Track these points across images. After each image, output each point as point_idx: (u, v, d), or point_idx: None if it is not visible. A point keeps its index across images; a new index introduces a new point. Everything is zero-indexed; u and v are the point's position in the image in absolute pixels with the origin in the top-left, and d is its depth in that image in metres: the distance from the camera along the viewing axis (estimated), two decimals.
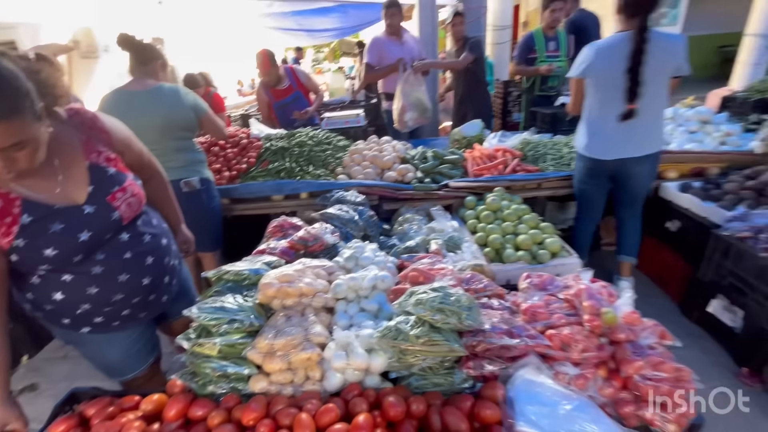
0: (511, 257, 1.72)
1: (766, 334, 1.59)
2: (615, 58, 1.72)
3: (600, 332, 1.14)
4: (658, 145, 1.90)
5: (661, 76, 1.75)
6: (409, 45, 3.21)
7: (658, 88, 1.75)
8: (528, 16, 10.46)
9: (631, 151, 1.87)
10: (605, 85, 1.79)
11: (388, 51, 3.14)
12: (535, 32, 3.38)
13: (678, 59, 1.75)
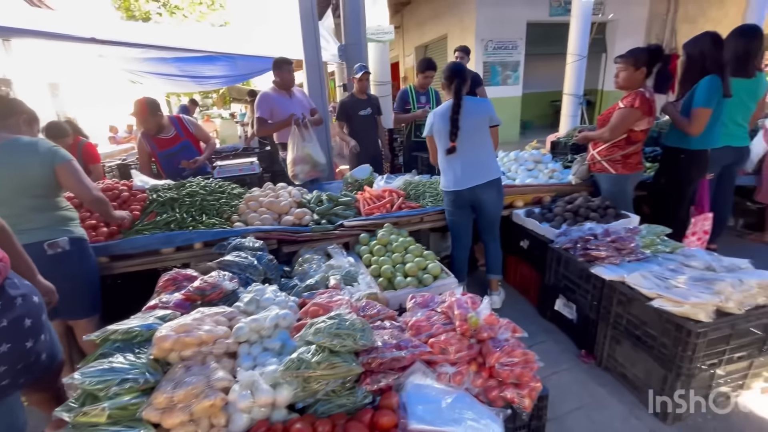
0: (402, 284, 1.96)
1: (591, 321, 2.08)
2: (445, 116, 2.30)
3: (469, 334, 1.40)
4: (494, 174, 2.42)
5: (478, 125, 2.32)
6: (298, 99, 3.42)
7: (477, 134, 2.34)
8: (406, 72, 11.86)
9: (476, 179, 2.36)
10: (441, 135, 2.36)
11: (279, 105, 3.28)
12: (409, 88, 3.96)
13: (488, 113, 2.34)
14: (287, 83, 3.34)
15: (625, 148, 2.60)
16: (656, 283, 1.77)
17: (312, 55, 4.11)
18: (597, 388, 1.93)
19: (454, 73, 2.31)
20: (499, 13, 7.91)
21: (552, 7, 8.23)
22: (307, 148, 3.13)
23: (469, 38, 8.08)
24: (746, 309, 1.62)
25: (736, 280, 1.67)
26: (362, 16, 4.43)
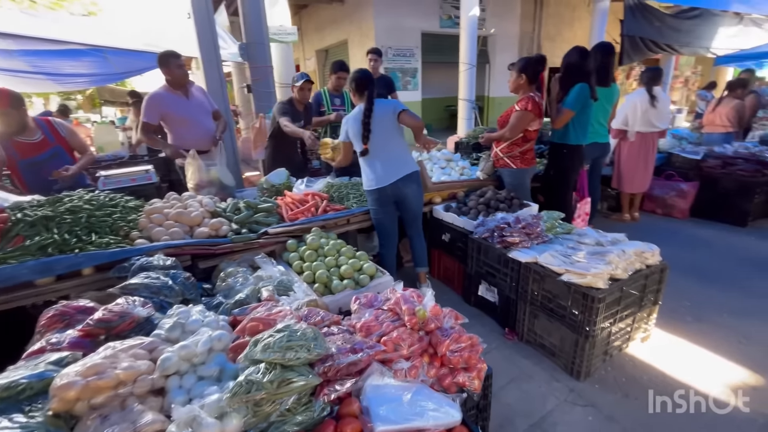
0: (339, 287, 1.90)
1: (512, 301, 2.30)
2: (358, 120, 2.39)
3: (418, 327, 1.41)
4: (412, 167, 2.52)
5: (387, 123, 2.41)
6: (198, 100, 3.08)
7: (389, 132, 2.43)
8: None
9: (396, 174, 2.45)
10: (356, 139, 2.45)
11: (173, 108, 2.91)
12: (323, 91, 3.89)
13: (393, 108, 2.41)
14: (180, 80, 2.93)
15: (522, 146, 2.95)
16: (562, 261, 2.03)
17: (209, 52, 3.77)
18: (522, 361, 2.14)
19: (364, 80, 2.41)
20: (395, 23, 8.29)
21: (442, 20, 8.93)
22: (213, 170, 2.80)
23: (370, 44, 8.30)
24: (629, 274, 1.96)
25: (620, 251, 2.01)
26: (263, 15, 4.22)
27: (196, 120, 3.03)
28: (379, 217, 2.57)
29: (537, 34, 10.28)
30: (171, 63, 2.89)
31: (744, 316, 2.46)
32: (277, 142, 3.52)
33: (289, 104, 3.42)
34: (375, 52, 4.24)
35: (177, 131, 3.02)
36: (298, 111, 3.44)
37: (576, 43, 3.15)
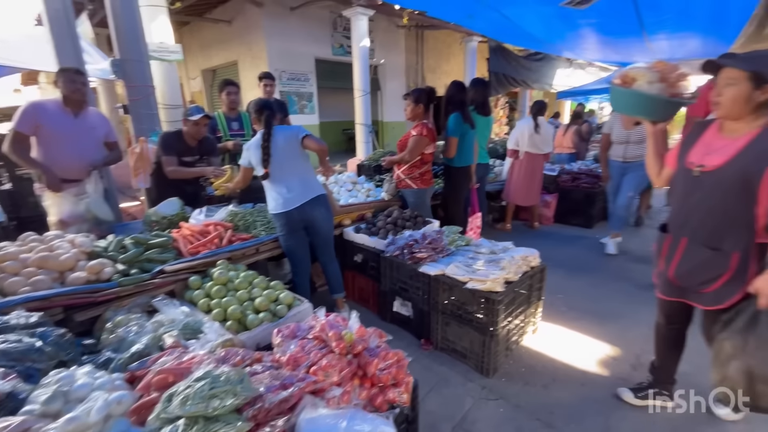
0: (255, 321, 1.79)
1: (425, 313, 2.45)
2: (258, 145, 2.38)
3: (346, 351, 1.42)
4: (318, 190, 2.53)
5: (290, 147, 2.43)
6: (89, 124, 2.64)
7: (292, 156, 2.44)
8: (193, 96, 10.82)
9: (303, 197, 2.43)
10: (259, 162, 2.40)
11: (51, 119, 2.46)
12: (217, 114, 3.63)
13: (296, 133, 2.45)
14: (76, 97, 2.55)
15: (421, 168, 3.23)
16: (465, 270, 2.25)
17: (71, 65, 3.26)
18: (439, 368, 2.28)
19: (263, 107, 2.44)
20: (288, 47, 8.30)
21: (334, 48, 9.24)
22: (85, 203, 2.42)
23: (262, 67, 8.13)
24: (519, 276, 2.27)
25: (510, 257, 2.32)
26: (140, 30, 3.83)
27: (75, 142, 2.56)
28: (289, 243, 2.51)
29: (420, 66, 11.34)
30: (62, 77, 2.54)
31: (602, 301, 3.04)
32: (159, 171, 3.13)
33: (176, 138, 3.03)
34: (268, 77, 4.14)
35: (46, 149, 2.51)
36: (189, 146, 3.06)
37: (454, 76, 3.64)
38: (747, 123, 1.43)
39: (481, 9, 4.91)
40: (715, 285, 1.52)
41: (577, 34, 6.00)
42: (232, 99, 3.62)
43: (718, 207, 1.48)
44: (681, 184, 1.60)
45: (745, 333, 1.39)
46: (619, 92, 1.69)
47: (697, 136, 1.59)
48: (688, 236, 1.57)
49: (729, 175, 1.43)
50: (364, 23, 7.28)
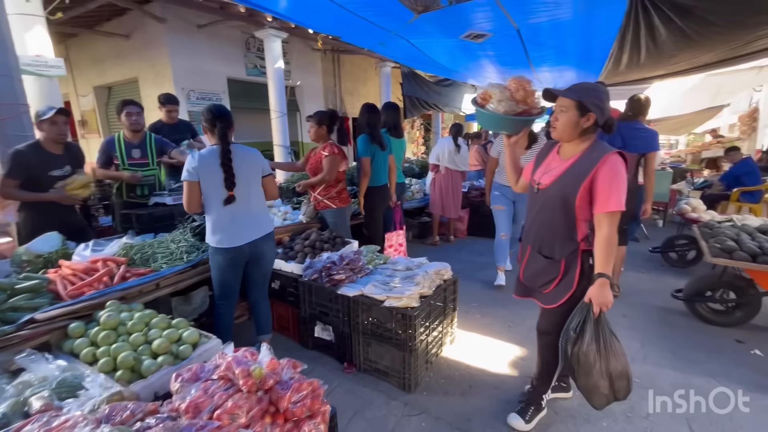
0: (152, 367, 1.60)
1: (346, 335, 2.42)
2: (212, 160, 2.10)
3: (255, 388, 1.33)
4: (270, 226, 2.39)
5: (252, 175, 2.24)
6: None
7: (252, 185, 2.25)
8: (84, 115, 9.64)
9: (256, 233, 2.26)
10: (213, 184, 2.12)
11: None
12: (116, 138, 3.20)
13: (261, 163, 2.30)
14: None
15: (336, 186, 3.26)
16: (383, 289, 2.29)
17: None
18: (363, 390, 2.25)
19: (217, 116, 2.14)
20: (197, 66, 7.86)
21: (248, 68, 8.99)
22: None
23: (167, 85, 7.56)
24: (433, 290, 2.37)
25: (424, 272, 2.42)
26: (8, 41, 3.33)
27: None
28: (227, 278, 2.27)
29: (338, 89, 11.54)
30: None
31: (511, 306, 3.31)
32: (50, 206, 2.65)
33: (33, 152, 2.56)
34: (170, 101, 3.83)
35: None
36: (53, 155, 2.64)
37: (371, 99, 3.79)
38: (574, 146, 1.66)
39: (391, 37, 5.21)
40: (550, 287, 1.75)
41: (478, 63, 6.66)
42: (134, 121, 3.17)
43: (548, 221, 1.71)
44: (529, 199, 1.85)
45: (596, 342, 1.56)
46: (478, 111, 1.89)
47: (545, 156, 1.81)
48: (531, 245, 1.82)
49: (553, 193, 1.67)
50: (278, 45, 7.23)
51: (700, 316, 3.02)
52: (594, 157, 1.58)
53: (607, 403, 1.65)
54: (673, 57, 4.94)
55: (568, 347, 1.62)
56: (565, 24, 4.45)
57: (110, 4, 6.14)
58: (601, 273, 1.55)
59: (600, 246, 1.56)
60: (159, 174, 3.39)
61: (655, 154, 3.20)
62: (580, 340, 1.58)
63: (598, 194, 1.56)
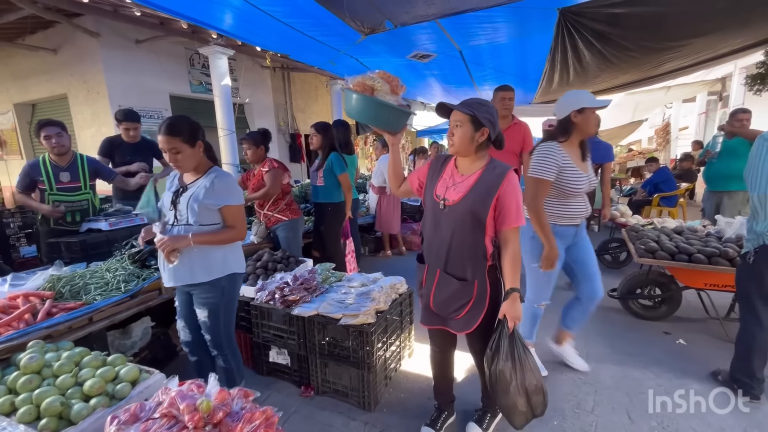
0: (83, 411, 1.45)
1: (303, 358, 2.35)
2: None
3: (203, 423, 1.26)
4: None
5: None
6: None
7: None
8: (3, 135, 8.74)
9: None
10: None
11: None
12: (41, 160, 2.91)
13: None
14: None
15: (285, 198, 3.28)
16: (338, 307, 2.27)
17: None
18: (321, 413, 2.19)
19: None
20: (135, 82, 7.45)
21: (192, 85, 8.67)
22: None
23: (101, 102, 7.08)
24: (389, 305, 2.38)
25: (380, 287, 2.43)
26: None
27: None
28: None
29: (289, 106, 11.45)
30: None
31: None
32: None
33: None
34: (130, 118, 3.56)
35: None
36: None
37: (323, 116, 3.82)
38: (473, 162, 1.64)
39: (340, 56, 5.30)
40: (463, 312, 1.66)
41: (425, 82, 6.94)
42: (55, 143, 2.87)
43: (458, 239, 1.62)
44: (431, 216, 1.71)
45: (511, 358, 1.56)
46: (361, 100, 1.68)
47: (441, 170, 1.73)
48: (441, 267, 1.68)
49: (463, 209, 1.59)
50: (224, 62, 7.07)
51: (633, 312, 3.29)
52: (498, 173, 1.58)
53: (527, 421, 1.64)
54: (597, 77, 5.47)
55: (485, 367, 1.63)
56: (502, 47, 4.78)
57: (34, 16, 5.68)
58: (514, 288, 1.57)
59: (510, 261, 1.58)
60: (92, 198, 3.13)
61: (610, 164, 3.78)
62: (496, 357, 1.58)
63: (506, 210, 1.56)
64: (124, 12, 5.47)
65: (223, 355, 2.06)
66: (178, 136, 1.77)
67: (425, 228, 1.77)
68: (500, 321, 1.60)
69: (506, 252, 1.59)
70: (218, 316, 1.98)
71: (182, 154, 1.79)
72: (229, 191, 1.89)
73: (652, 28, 3.65)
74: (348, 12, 3.43)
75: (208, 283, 1.91)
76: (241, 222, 1.95)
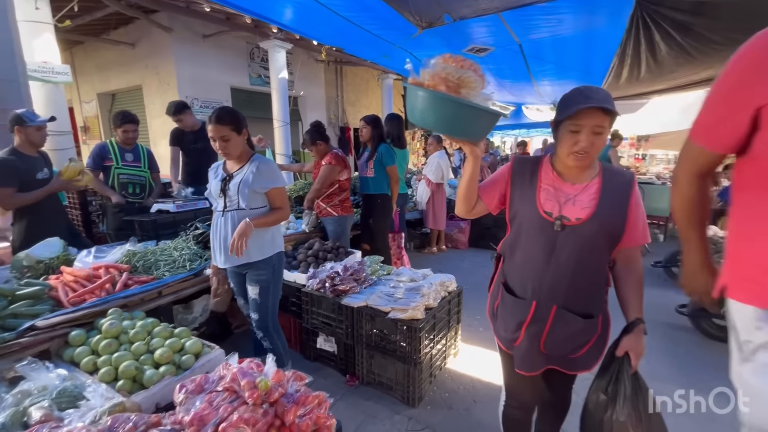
0: (154, 377, 1.57)
1: (349, 347, 2.39)
2: None
3: (261, 401, 1.31)
4: None
5: None
6: None
7: None
8: (87, 121, 9.68)
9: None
10: None
11: None
12: (109, 142, 3.27)
13: None
14: None
15: (340, 195, 3.29)
16: (387, 300, 2.27)
17: None
18: (365, 403, 2.21)
19: None
20: (201, 74, 7.94)
21: (252, 78, 9.07)
22: None
23: (171, 93, 7.62)
24: (438, 302, 2.35)
25: (429, 283, 2.40)
26: (17, 47, 3.36)
27: None
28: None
29: (340, 99, 11.65)
30: None
31: None
32: (32, 207, 2.60)
33: (16, 157, 2.54)
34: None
35: None
36: (33, 158, 2.64)
37: (372, 110, 3.83)
38: (587, 168, 1.29)
39: (395, 50, 5.28)
40: (584, 349, 1.34)
41: None
42: (131, 137, 3.29)
43: (584, 267, 1.26)
44: (537, 239, 1.29)
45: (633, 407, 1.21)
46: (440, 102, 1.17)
47: (534, 178, 1.34)
48: (559, 303, 1.28)
49: (594, 229, 1.23)
50: (282, 56, 7.32)
51: (705, 331, 3.00)
52: (622, 182, 1.27)
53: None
54: (672, 72, 5.01)
55: (595, 413, 1.27)
56: (566, 39, 4.52)
57: (117, 13, 6.21)
58: (640, 318, 1.27)
59: (636, 285, 1.30)
60: (149, 177, 3.44)
61: None
62: (613, 405, 1.23)
63: (635, 224, 1.26)
64: (196, 8, 5.80)
65: (269, 336, 2.17)
66: (227, 124, 1.91)
67: (522, 252, 1.35)
68: (617, 359, 1.26)
69: (630, 274, 1.31)
70: (268, 294, 2.13)
71: (231, 141, 1.94)
72: (273, 175, 2.04)
73: (746, 17, 3.26)
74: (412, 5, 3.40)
75: (262, 261, 2.06)
76: (286, 203, 2.12)
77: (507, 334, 1.41)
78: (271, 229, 2.11)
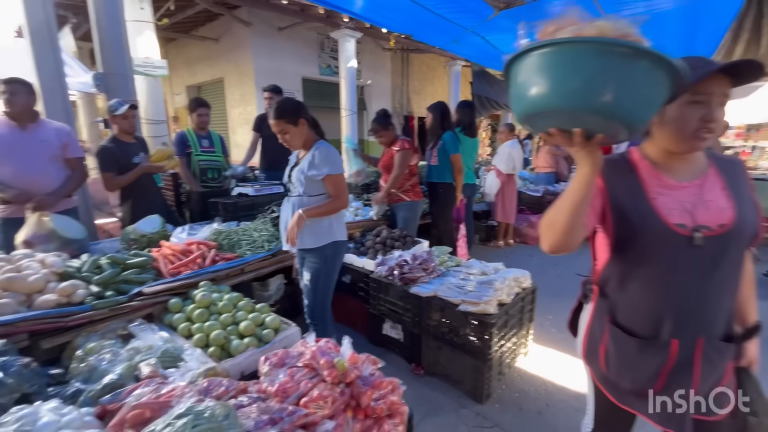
0: (240, 347, 1.69)
1: (416, 336, 2.38)
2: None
3: (338, 381, 1.34)
4: None
5: None
6: (40, 137, 2.43)
7: None
8: (177, 112, 10.69)
9: None
10: None
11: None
12: (187, 131, 3.56)
13: None
14: (19, 109, 2.36)
15: (410, 179, 3.29)
16: (457, 292, 2.21)
17: (52, 80, 3.16)
18: (431, 394, 2.20)
19: None
20: (275, 66, 8.34)
21: (321, 68, 9.34)
22: (49, 221, 2.18)
23: (249, 85, 8.13)
24: (511, 298, 2.24)
25: (502, 278, 2.30)
26: (125, 44, 3.77)
27: (20, 157, 2.37)
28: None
29: (406, 87, 11.57)
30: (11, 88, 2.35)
31: None
32: (132, 186, 2.90)
33: (115, 144, 2.85)
34: (273, 90, 3.91)
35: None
36: (130, 144, 2.92)
37: (438, 98, 3.73)
38: (693, 156, 1.03)
39: (465, 35, 5.08)
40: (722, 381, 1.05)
41: None
42: (203, 120, 3.57)
43: (731, 283, 1.01)
44: (670, 261, 0.98)
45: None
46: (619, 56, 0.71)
47: (633, 182, 1.03)
48: (705, 335, 0.99)
49: (741, 235, 0.97)
50: (352, 45, 7.41)
51: None
52: (735, 170, 1.05)
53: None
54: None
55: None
56: (664, 15, 4.01)
57: (205, 10, 6.71)
58: (759, 322, 1.11)
59: (751, 286, 1.12)
60: (223, 161, 3.69)
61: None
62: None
63: (761, 220, 1.05)
64: (274, 1, 6.05)
65: (314, 324, 2.20)
66: (283, 118, 1.97)
67: (643, 282, 1.03)
68: (741, 370, 1.08)
69: (748, 276, 1.12)
70: (318, 282, 2.15)
71: (289, 133, 2.00)
72: (327, 161, 2.01)
73: None
74: None
75: (316, 249, 2.09)
76: (344, 191, 2.07)
77: (635, 385, 1.06)
78: (329, 218, 2.09)
